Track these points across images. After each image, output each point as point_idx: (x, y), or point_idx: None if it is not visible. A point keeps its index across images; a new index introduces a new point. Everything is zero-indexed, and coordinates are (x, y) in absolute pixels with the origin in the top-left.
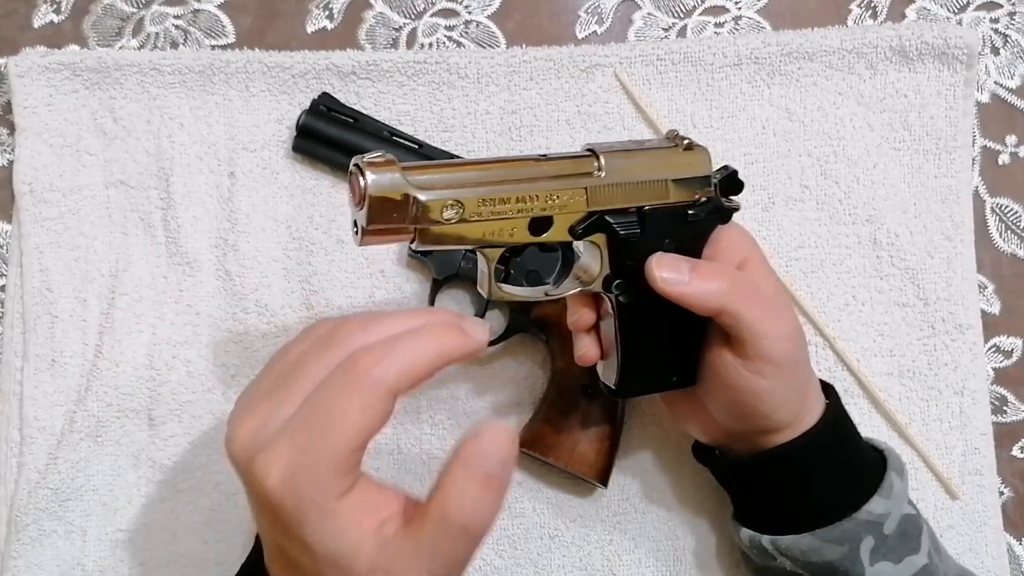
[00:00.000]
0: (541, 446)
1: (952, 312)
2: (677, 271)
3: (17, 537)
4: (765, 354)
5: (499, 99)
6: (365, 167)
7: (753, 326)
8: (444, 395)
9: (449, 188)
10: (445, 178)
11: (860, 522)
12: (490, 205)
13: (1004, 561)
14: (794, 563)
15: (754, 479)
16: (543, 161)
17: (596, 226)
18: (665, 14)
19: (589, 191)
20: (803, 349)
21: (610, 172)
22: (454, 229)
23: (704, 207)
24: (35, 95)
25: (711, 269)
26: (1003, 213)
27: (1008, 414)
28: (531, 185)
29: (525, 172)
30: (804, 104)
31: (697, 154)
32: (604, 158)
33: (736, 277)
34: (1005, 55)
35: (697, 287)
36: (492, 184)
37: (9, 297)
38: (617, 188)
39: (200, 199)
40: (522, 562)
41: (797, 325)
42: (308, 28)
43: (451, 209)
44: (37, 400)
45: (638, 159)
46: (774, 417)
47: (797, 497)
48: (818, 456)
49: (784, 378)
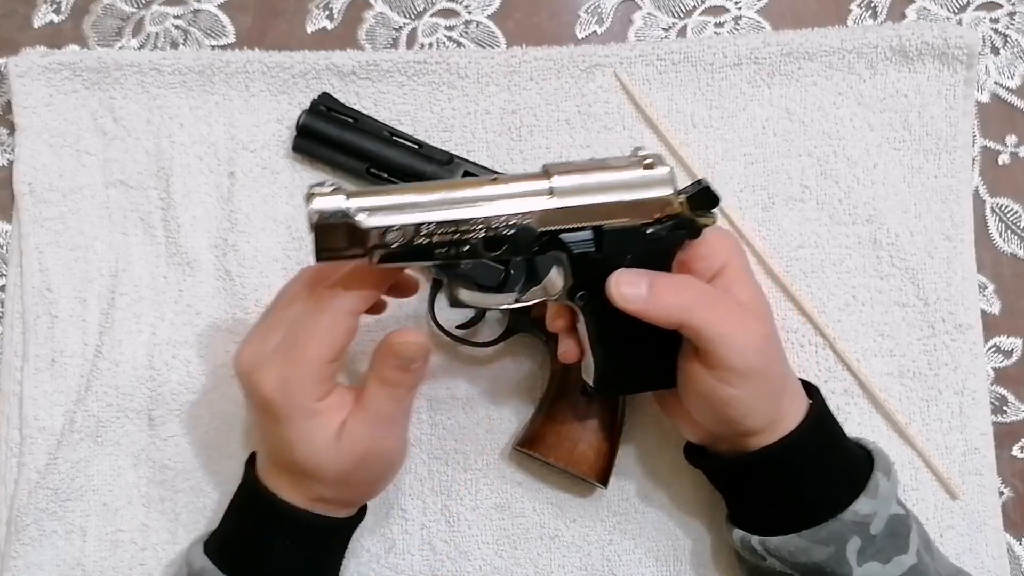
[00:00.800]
0: (541, 446)
1: (952, 312)
2: (636, 287)
3: (17, 537)
4: (729, 365)
5: (499, 99)
6: (310, 196)
7: (714, 338)
8: (444, 395)
9: (393, 214)
10: (389, 203)
11: (846, 523)
12: (438, 229)
13: (1004, 561)
14: (783, 563)
15: (741, 480)
16: (493, 183)
17: (552, 244)
18: (665, 14)
19: (540, 213)
20: (774, 358)
21: (562, 195)
22: (404, 251)
23: (665, 224)
24: (35, 95)
25: (670, 283)
26: (1003, 213)
27: (1008, 414)
28: (480, 208)
29: (474, 194)
30: (804, 104)
31: (657, 173)
32: (556, 180)
33: (697, 290)
34: (1005, 55)
35: (656, 303)
36: (438, 208)
37: (9, 297)
38: (569, 210)
39: (200, 199)
40: (522, 562)
41: (766, 334)
42: (308, 28)
43: (395, 233)
44: (37, 400)
45: (593, 180)
46: (745, 423)
47: (783, 498)
48: (801, 458)
49: (752, 387)
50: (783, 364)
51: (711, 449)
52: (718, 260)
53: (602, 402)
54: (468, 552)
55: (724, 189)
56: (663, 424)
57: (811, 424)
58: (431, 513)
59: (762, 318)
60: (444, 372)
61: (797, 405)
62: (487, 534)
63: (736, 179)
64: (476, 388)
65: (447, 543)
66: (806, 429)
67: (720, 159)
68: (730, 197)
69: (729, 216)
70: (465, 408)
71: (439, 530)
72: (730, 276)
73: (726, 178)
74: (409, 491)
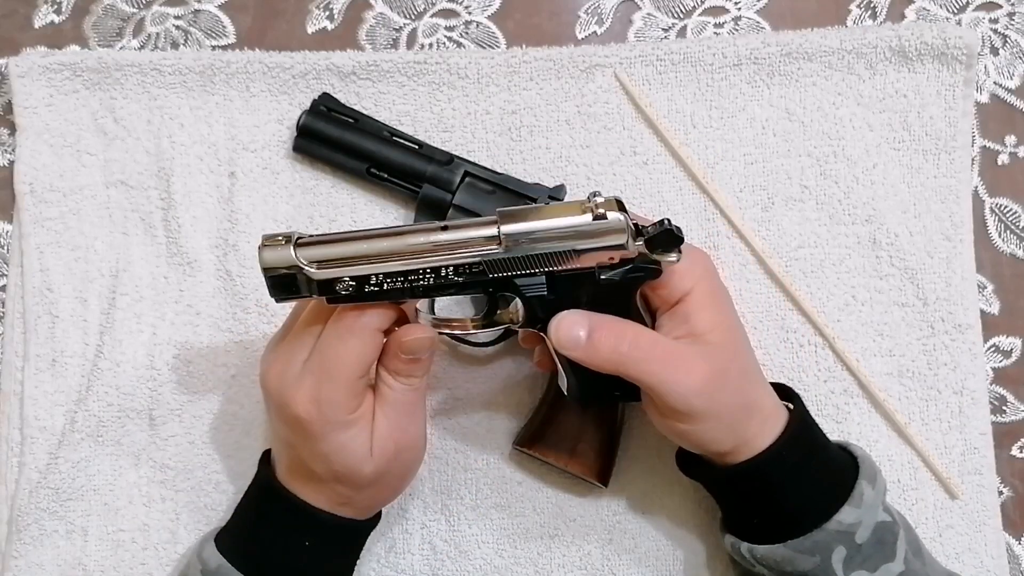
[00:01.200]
0: (541, 446)
1: (951, 312)
2: (574, 335)
3: (18, 537)
4: (671, 407)
5: (499, 99)
6: (262, 246)
7: (653, 386)
8: (444, 395)
9: (342, 267)
10: (337, 255)
11: (831, 532)
12: (387, 279)
13: (1003, 561)
14: (770, 572)
15: (727, 490)
16: (443, 231)
17: (504, 287)
18: (665, 14)
19: (489, 262)
20: (729, 391)
21: (511, 243)
22: (356, 298)
23: (620, 269)
24: (36, 95)
25: (609, 333)
26: (1002, 213)
27: (1007, 414)
28: (429, 259)
29: (423, 242)
30: (804, 104)
31: (609, 222)
32: (505, 227)
33: (635, 340)
34: (1004, 55)
35: (593, 351)
36: (386, 260)
37: (9, 297)
38: (519, 259)
39: (200, 199)
40: (522, 562)
41: (711, 373)
42: (308, 28)
43: (344, 283)
44: (38, 400)
45: (542, 227)
46: (707, 449)
47: (766, 509)
48: (780, 471)
49: (703, 422)
50: (744, 394)
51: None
52: (680, 288)
53: None
54: (468, 551)
55: (724, 189)
56: None
57: (789, 439)
58: (431, 513)
59: (713, 354)
60: (444, 372)
61: (771, 425)
62: (487, 533)
63: (736, 179)
64: (476, 388)
65: (447, 542)
66: (783, 444)
67: (720, 159)
68: (730, 197)
69: (729, 216)
70: (465, 408)
71: (439, 529)
72: (692, 304)
73: (726, 178)
74: (409, 491)
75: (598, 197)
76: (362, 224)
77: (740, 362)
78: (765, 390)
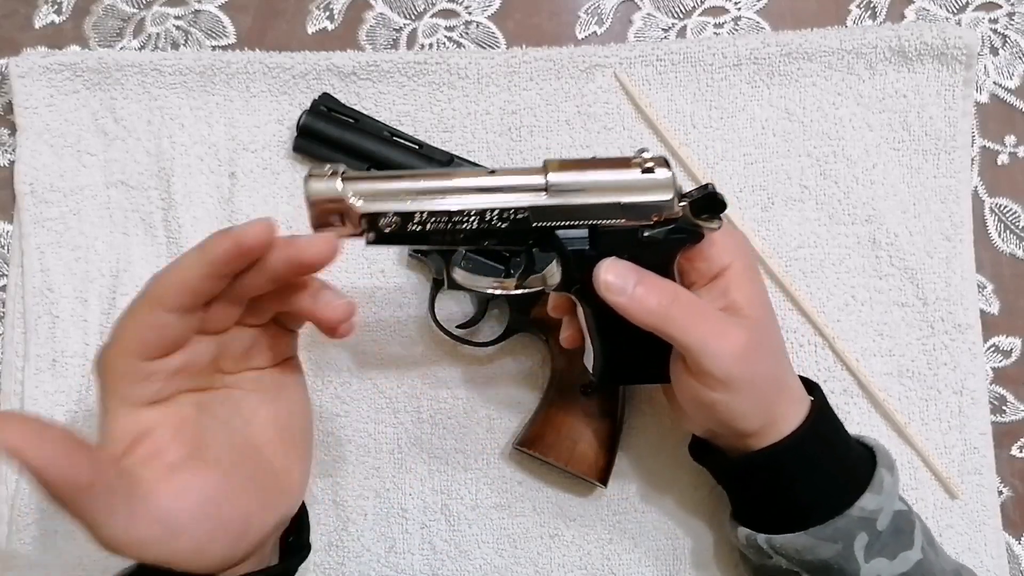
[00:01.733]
0: (541, 446)
1: (951, 312)
2: (623, 280)
3: (18, 537)
4: (708, 371)
5: (499, 99)
6: (309, 177)
7: (691, 346)
8: (444, 395)
9: (387, 201)
10: (384, 190)
11: (853, 519)
12: (431, 218)
13: (1003, 561)
14: (790, 561)
15: (746, 479)
16: (491, 175)
17: (546, 239)
18: (665, 15)
19: (535, 209)
20: (762, 366)
21: (557, 192)
22: (398, 235)
23: (664, 228)
24: (36, 95)
25: (657, 286)
26: (1002, 213)
27: (1007, 414)
28: (475, 199)
29: (469, 184)
30: (803, 104)
31: (656, 177)
32: (553, 176)
33: (680, 298)
34: (1004, 55)
35: (636, 301)
36: (432, 197)
37: (10, 297)
38: (564, 208)
39: (201, 199)
40: (522, 561)
41: (751, 342)
42: (308, 29)
43: (388, 218)
44: (38, 400)
45: (590, 179)
46: (734, 425)
47: (788, 497)
48: (802, 459)
49: (736, 393)
50: (777, 369)
51: (714, 445)
52: (720, 262)
53: (602, 402)
54: (468, 551)
55: (724, 189)
56: (663, 424)
57: (811, 425)
58: (431, 513)
59: (751, 325)
60: (444, 372)
61: (796, 408)
62: (487, 533)
63: (736, 179)
64: (476, 388)
65: (447, 542)
66: (807, 430)
67: (720, 159)
68: (730, 197)
69: (729, 216)
70: (465, 408)
71: (439, 529)
72: (730, 278)
73: (726, 178)
74: (409, 491)
75: (646, 153)
76: None
77: (775, 340)
78: (793, 374)
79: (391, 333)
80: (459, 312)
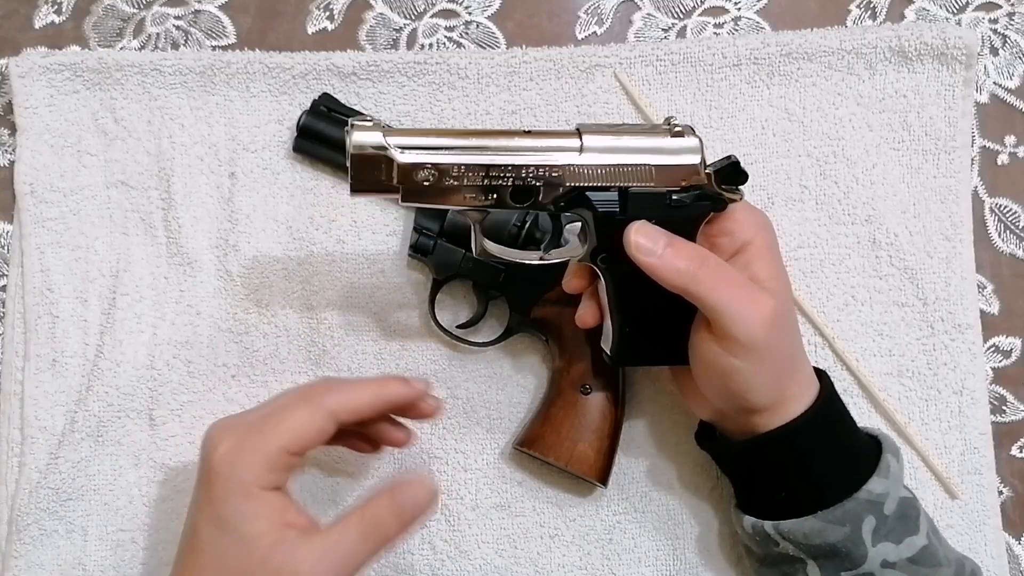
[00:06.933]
0: (541, 446)
1: (951, 312)
2: (653, 241)
3: (18, 537)
4: (733, 334)
5: (499, 99)
6: (352, 127)
7: (718, 307)
8: (444, 395)
9: (427, 153)
10: (424, 143)
11: (861, 502)
12: (468, 172)
13: (1003, 560)
14: (797, 547)
15: (753, 464)
16: (526, 135)
17: (577, 201)
18: (665, 15)
19: (568, 168)
20: (783, 337)
21: (591, 153)
22: (434, 190)
23: (691, 193)
24: (36, 96)
25: (685, 249)
26: (1002, 213)
27: (1007, 414)
28: (511, 157)
29: (506, 144)
30: (803, 104)
31: (685, 142)
32: (587, 138)
33: (708, 261)
34: (1004, 55)
35: (667, 262)
36: (470, 152)
37: (10, 297)
38: (597, 168)
39: (201, 199)
40: (522, 561)
41: (776, 311)
42: (308, 29)
43: (427, 171)
44: (38, 400)
45: (622, 142)
46: (748, 397)
47: (794, 481)
48: (811, 441)
49: (757, 360)
50: (794, 346)
51: (720, 430)
52: (742, 236)
53: (602, 402)
54: (468, 551)
55: None
56: (663, 424)
57: (820, 408)
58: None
59: (774, 296)
60: (444, 372)
61: (806, 390)
62: (487, 533)
63: None
64: (476, 388)
65: (447, 542)
66: (815, 413)
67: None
68: None
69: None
70: (465, 408)
71: (439, 529)
72: (752, 253)
73: None
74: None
75: (674, 119)
76: (363, 223)
77: (793, 318)
78: (805, 358)
79: (391, 333)
80: (459, 312)
